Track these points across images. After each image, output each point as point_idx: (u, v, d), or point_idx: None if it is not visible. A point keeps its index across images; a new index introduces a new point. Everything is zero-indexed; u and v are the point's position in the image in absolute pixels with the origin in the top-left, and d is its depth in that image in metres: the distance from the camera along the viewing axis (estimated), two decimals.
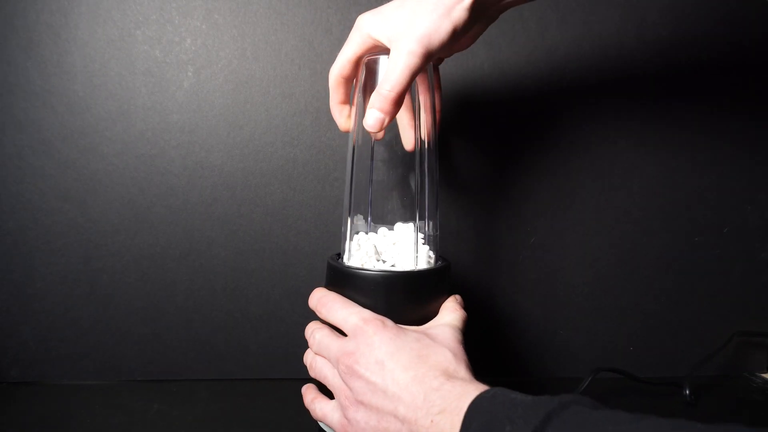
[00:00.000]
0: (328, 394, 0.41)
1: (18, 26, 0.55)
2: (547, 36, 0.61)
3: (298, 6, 0.58)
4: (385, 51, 0.42)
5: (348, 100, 0.47)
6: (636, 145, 0.63)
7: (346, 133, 0.48)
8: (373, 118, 0.40)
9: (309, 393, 0.43)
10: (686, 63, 0.63)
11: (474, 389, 0.33)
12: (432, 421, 0.33)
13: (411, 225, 0.47)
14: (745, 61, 0.63)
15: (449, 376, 0.35)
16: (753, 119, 0.64)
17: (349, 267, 0.44)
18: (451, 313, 0.43)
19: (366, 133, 0.44)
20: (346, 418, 0.38)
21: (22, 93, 0.56)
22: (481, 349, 0.63)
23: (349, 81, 0.45)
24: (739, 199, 0.65)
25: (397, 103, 0.40)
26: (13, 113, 0.56)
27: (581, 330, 0.64)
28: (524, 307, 0.63)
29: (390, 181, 0.47)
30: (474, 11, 0.40)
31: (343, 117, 0.47)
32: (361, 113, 0.45)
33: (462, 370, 0.36)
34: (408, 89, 0.40)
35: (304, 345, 0.61)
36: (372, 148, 0.46)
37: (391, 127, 0.46)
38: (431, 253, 0.47)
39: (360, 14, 0.43)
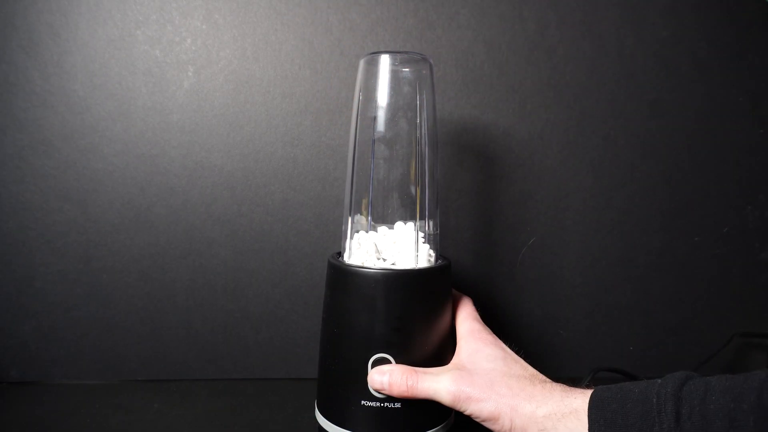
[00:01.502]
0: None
1: (18, 26, 0.55)
2: (547, 36, 0.61)
3: (298, 6, 0.58)
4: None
5: None
6: (636, 145, 0.63)
7: None
8: (379, 381, 0.41)
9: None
10: (686, 63, 0.63)
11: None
12: None
13: (411, 224, 0.47)
14: (745, 61, 0.63)
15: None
16: (753, 119, 0.64)
17: (349, 265, 0.44)
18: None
19: (366, 132, 0.44)
20: None
21: (23, 93, 0.56)
22: None
23: None
24: (739, 199, 0.65)
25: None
26: (13, 113, 0.56)
27: (581, 330, 0.64)
28: (524, 307, 0.63)
29: (390, 180, 0.47)
30: None
31: None
32: (362, 112, 0.45)
33: None
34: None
35: (304, 345, 0.61)
36: (373, 147, 0.46)
37: (392, 127, 0.46)
38: (431, 252, 0.48)
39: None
